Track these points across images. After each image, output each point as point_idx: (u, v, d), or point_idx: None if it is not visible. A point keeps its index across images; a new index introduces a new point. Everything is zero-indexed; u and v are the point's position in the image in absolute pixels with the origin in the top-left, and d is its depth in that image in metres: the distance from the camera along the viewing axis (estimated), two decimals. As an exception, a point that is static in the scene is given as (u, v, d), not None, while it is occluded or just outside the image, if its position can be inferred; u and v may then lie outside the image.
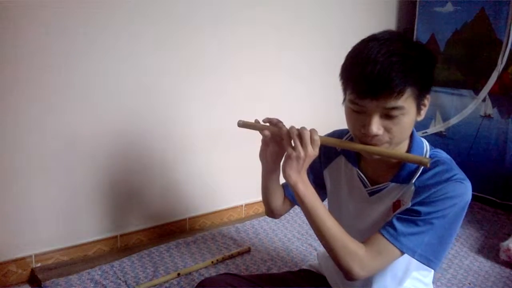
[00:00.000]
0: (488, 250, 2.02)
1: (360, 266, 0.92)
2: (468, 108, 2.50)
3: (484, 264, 1.89)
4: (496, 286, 1.73)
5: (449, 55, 2.57)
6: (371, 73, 0.86)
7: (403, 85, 0.86)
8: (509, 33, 2.31)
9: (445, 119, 2.63)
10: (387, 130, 0.91)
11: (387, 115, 0.89)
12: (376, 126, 0.90)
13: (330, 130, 1.20)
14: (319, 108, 2.45)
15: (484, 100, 2.44)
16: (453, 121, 2.58)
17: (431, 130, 2.66)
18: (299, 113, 2.39)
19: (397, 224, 0.93)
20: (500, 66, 2.34)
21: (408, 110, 0.90)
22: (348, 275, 0.94)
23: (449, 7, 2.54)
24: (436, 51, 2.61)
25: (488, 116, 2.45)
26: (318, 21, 2.40)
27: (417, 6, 2.69)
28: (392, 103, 0.87)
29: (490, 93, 2.41)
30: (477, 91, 2.46)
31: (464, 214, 0.97)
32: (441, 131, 2.65)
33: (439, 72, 2.61)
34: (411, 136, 1.01)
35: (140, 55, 1.81)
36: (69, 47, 1.64)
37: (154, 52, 1.85)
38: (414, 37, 2.70)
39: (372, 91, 0.87)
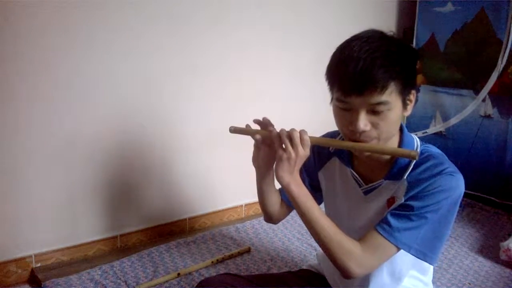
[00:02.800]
0: (488, 250, 2.02)
1: (356, 264, 0.93)
2: (468, 108, 2.50)
3: (484, 264, 1.89)
4: (496, 286, 1.73)
5: (449, 55, 2.57)
6: (354, 70, 0.88)
7: (386, 80, 0.88)
8: (509, 33, 2.31)
9: (445, 119, 2.63)
10: (374, 125, 0.92)
11: (373, 111, 0.91)
12: (363, 122, 0.91)
13: (329, 129, 1.20)
14: (319, 108, 2.44)
15: (484, 100, 2.44)
16: (453, 121, 2.58)
17: (431, 130, 2.66)
18: (299, 113, 2.39)
19: (392, 220, 0.94)
20: (500, 66, 2.34)
21: (393, 104, 0.91)
22: (345, 273, 0.95)
23: (449, 7, 2.54)
24: (436, 51, 2.61)
25: (488, 116, 2.45)
26: (317, 21, 2.40)
27: (417, 6, 2.69)
28: (377, 98, 0.89)
29: (490, 93, 2.41)
30: (477, 91, 2.46)
31: (458, 207, 0.97)
32: (441, 131, 2.65)
33: (439, 72, 2.62)
34: (402, 132, 1.02)
35: (140, 55, 1.81)
36: (69, 47, 1.64)
37: (154, 52, 1.85)
38: (414, 37, 2.70)
39: (356, 87, 0.89)
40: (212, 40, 2.01)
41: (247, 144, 1.13)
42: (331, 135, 1.17)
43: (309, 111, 2.44)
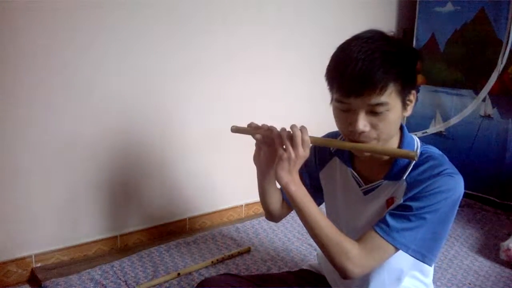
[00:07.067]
0: (488, 250, 2.02)
1: (354, 264, 0.93)
2: (468, 108, 2.50)
3: (484, 264, 1.89)
4: (496, 286, 1.73)
5: (449, 55, 2.58)
6: (353, 71, 0.88)
7: (385, 81, 0.88)
8: (509, 33, 2.31)
9: (445, 119, 2.63)
10: (373, 126, 0.92)
11: (373, 112, 0.91)
12: (362, 123, 0.91)
13: (329, 130, 1.20)
14: (319, 108, 2.43)
15: (484, 100, 2.44)
16: (453, 121, 2.58)
17: (431, 130, 2.66)
18: (299, 113, 2.39)
19: (390, 220, 0.94)
20: (500, 66, 2.34)
21: (393, 105, 0.91)
22: (342, 273, 0.95)
23: (449, 7, 2.54)
24: (436, 51, 2.61)
25: (488, 116, 2.45)
26: (318, 21, 2.40)
27: (417, 6, 2.69)
28: (376, 99, 0.89)
29: (490, 93, 2.41)
30: (477, 91, 2.46)
31: (457, 208, 0.97)
32: (441, 131, 2.65)
33: (439, 72, 2.62)
34: (402, 133, 1.02)
35: (140, 55, 1.81)
36: (69, 47, 1.64)
37: (154, 53, 1.85)
38: (414, 37, 2.70)
39: (355, 88, 0.89)
40: (212, 40, 2.01)
41: (247, 144, 1.14)
42: (332, 135, 1.17)
43: (308, 111, 2.44)
